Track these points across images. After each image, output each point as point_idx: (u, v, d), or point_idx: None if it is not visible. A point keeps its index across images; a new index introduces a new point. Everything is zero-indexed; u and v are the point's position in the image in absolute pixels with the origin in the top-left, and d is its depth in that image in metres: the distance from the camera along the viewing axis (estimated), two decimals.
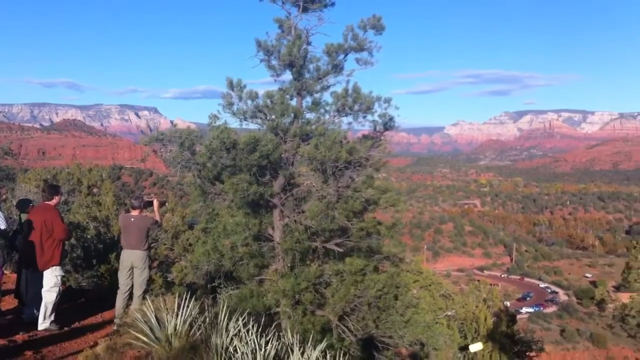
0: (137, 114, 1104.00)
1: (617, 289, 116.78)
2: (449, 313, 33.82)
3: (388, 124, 14.15)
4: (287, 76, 13.85)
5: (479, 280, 52.28)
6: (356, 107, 13.50)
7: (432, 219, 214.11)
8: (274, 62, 13.65)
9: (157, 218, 12.05)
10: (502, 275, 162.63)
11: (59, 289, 10.65)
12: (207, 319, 8.24)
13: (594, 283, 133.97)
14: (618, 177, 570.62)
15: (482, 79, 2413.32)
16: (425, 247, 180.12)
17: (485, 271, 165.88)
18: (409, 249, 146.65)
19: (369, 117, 13.88)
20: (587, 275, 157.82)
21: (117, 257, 14.39)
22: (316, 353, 7.51)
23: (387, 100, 13.69)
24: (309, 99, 13.90)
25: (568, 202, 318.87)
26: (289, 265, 13.23)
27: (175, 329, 7.73)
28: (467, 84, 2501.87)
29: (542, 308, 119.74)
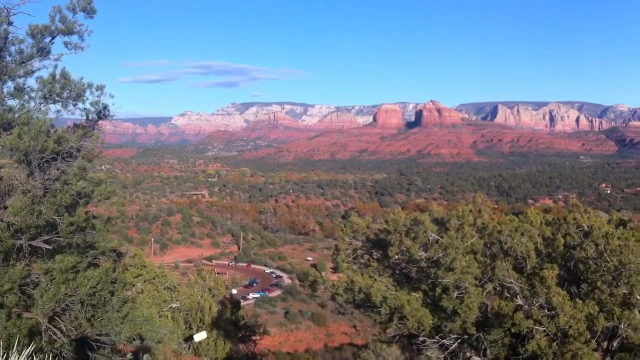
0: None
1: (335, 270, 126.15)
2: (174, 305, 33.73)
3: (102, 113, 13.64)
4: None
5: (204, 270, 52.96)
6: (65, 94, 12.73)
7: (160, 210, 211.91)
8: None
9: None
10: (230, 264, 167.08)
11: None
12: None
13: (314, 266, 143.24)
14: (335, 166, 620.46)
15: (212, 70, 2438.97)
16: (153, 239, 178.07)
17: (213, 260, 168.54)
18: (135, 243, 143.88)
19: (80, 105, 13.22)
20: (309, 258, 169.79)
21: None
22: (22, 359, 7.00)
23: (100, 88, 13.17)
24: (10, 84, 12.80)
25: (291, 191, 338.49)
26: None
27: None
28: (196, 74, 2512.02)
29: (267, 293, 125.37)
